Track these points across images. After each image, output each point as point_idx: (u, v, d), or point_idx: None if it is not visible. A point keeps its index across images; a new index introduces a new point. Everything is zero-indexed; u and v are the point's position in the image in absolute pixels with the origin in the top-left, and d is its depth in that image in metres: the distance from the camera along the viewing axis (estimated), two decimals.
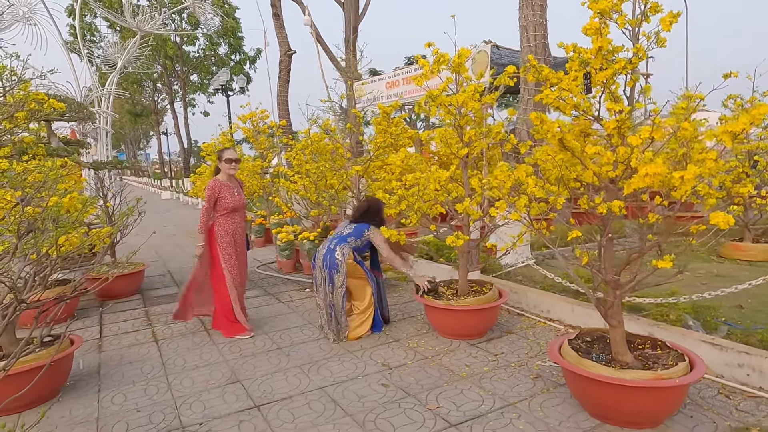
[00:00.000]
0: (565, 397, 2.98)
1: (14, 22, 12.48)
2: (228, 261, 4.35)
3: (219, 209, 4.34)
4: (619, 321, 2.76)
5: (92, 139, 11.86)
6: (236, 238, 4.44)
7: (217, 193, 4.31)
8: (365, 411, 2.93)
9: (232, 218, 4.41)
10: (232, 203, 4.35)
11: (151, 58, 27.84)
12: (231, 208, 4.36)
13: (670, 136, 2.41)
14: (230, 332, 4.35)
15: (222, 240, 4.34)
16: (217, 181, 4.37)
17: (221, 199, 4.32)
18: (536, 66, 2.73)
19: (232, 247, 4.39)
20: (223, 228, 4.36)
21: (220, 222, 4.36)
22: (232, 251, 4.38)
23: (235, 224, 4.43)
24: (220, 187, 4.35)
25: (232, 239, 4.40)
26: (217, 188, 4.33)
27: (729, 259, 5.95)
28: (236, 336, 4.31)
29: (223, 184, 4.37)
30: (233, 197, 4.38)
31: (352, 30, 13.18)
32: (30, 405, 3.11)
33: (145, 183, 42.18)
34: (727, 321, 3.65)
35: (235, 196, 4.40)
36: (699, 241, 2.60)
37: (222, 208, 4.34)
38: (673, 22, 2.39)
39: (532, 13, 6.89)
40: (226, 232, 4.37)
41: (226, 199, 4.33)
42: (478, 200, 4.01)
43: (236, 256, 4.42)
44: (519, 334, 4.11)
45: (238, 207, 4.43)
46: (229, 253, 4.36)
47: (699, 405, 2.81)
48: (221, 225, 4.36)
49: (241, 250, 4.51)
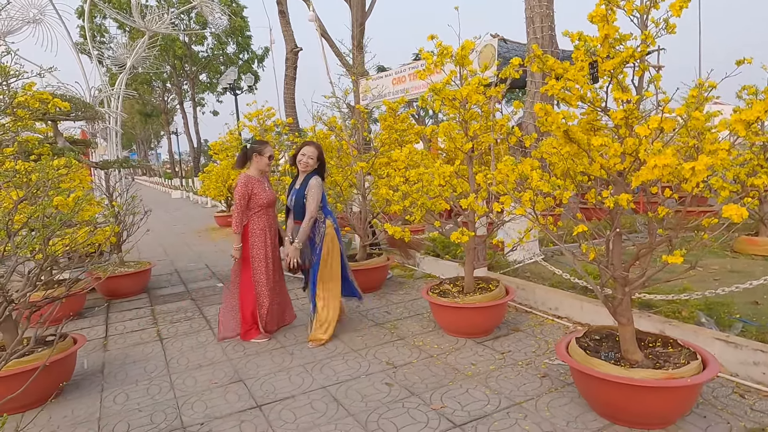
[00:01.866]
0: (572, 397, 2.90)
1: (24, 24, 12.59)
2: (260, 261, 4.11)
3: (253, 206, 4.07)
4: (629, 318, 2.67)
5: (102, 138, 11.95)
6: (270, 235, 4.18)
7: (250, 190, 4.03)
8: (368, 411, 2.88)
9: (267, 214, 4.14)
10: (265, 199, 4.09)
11: (160, 58, 28.02)
12: (265, 204, 4.10)
13: (680, 127, 2.32)
14: (247, 335, 4.16)
15: (256, 239, 4.09)
16: (248, 177, 4.08)
17: (255, 196, 4.05)
18: (540, 56, 2.64)
19: (267, 246, 4.14)
20: (258, 226, 4.09)
21: (254, 220, 4.08)
22: (266, 251, 4.14)
23: (269, 221, 4.17)
24: (252, 182, 4.07)
25: (267, 237, 4.14)
26: (250, 184, 4.05)
27: (743, 254, 5.80)
28: (251, 339, 4.14)
29: (255, 180, 4.10)
30: (266, 192, 4.12)
31: (358, 26, 13.11)
32: (32, 405, 3.10)
33: (156, 183, 42.53)
34: (742, 318, 3.54)
35: (267, 191, 4.14)
36: (712, 235, 2.50)
37: (256, 205, 4.07)
38: (684, 7, 2.29)
39: (539, 4, 6.76)
40: (261, 230, 4.10)
41: (260, 195, 4.06)
42: (484, 195, 3.93)
43: (270, 255, 4.17)
44: (526, 332, 4.03)
45: (271, 202, 4.18)
46: (263, 253, 4.11)
47: (712, 405, 2.72)
48: (256, 223, 4.09)
49: (275, 249, 4.26)
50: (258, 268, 4.12)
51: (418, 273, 6.26)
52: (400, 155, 4.28)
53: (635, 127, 2.29)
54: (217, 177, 12.86)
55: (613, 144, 2.37)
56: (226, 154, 11.28)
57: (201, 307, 5.35)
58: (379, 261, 5.57)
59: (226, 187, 11.79)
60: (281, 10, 13.88)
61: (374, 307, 4.93)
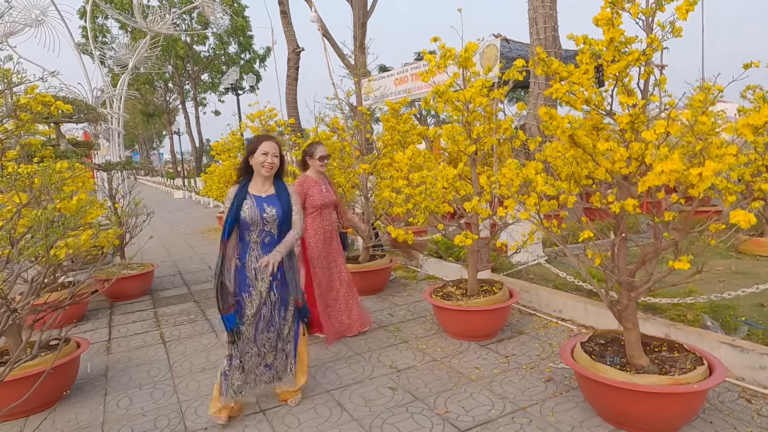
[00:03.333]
0: (578, 402, 2.88)
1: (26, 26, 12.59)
2: (317, 262, 4.09)
3: (308, 207, 4.09)
4: (634, 323, 2.66)
5: (105, 139, 11.96)
6: (328, 237, 4.17)
7: (305, 190, 4.06)
8: (372, 416, 2.87)
9: (322, 216, 4.14)
10: (320, 200, 4.09)
11: (162, 59, 28.04)
12: (320, 205, 4.10)
13: (686, 131, 2.30)
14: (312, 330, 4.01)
15: (312, 239, 4.09)
16: (305, 177, 4.14)
17: (309, 197, 4.07)
18: (545, 59, 2.63)
19: (324, 246, 4.13)
20: (313, 227, 4.10)
21: (308, 221, 4.09)
22: (322, 251, 4.12)
23: (325, 222, 4.16)
24: (309, 183, 4.11)
25: (323, 238, 4.13)
26: (306, 185, 4.09)
27: (748, 254, 5.78)
28: (315, 333, 4.10)
29: (312, 181, 4.13)
30: (322, 194, 4.12)
31: (360, 26, 13.09)
32: (35, 409, 3.10)
33: (159, 183, 42.60)
34: (748, 320, 3.52)
35: (323, 193, 4.14)
36: (719, 241, 2.48)
37: (310, 206, 4.08)
38: (690, 11, 2.27)
39: (542, 4, 6.73)
40: (317, 231, 4.11)
41: (315, 196, 4.08)
42: (488, 198, 3.91)
43: (327, 257, 4.15)
44: (530, 335, 4.02)
45: (327, 204, 4.16)
46: (319, 254, 4.10)
47: (719, 410, 2.70)
48: (311, 224, 4.10)
49: (334, 251, 4.23)
50: (316, 269, 4.10)
51: (420, 274, 6.25)
52: (403, 158, 4.26)
53: (641, 132, 2.27)
54: (219, 177, 12.86)
55: (619, 148, 2.35)
56: (229, 155, 11.27)
57: (204, 309, 5.34)
58: (382, 263, 5.56)
59: (228, 187, 11.81)
60: (283, 10, 13.87)
61: (377, 310, 4.92)
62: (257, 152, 2.83)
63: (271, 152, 2.84)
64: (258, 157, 2.83)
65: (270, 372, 3.00)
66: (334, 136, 6.50)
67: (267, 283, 2.85)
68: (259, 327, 2.88)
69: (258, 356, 2.92)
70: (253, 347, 2.89)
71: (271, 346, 2.95)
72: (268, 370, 2.98)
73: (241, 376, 2.86)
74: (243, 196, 2.83)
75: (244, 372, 2.88)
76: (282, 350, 3.00)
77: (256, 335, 2.88)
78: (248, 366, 2.89)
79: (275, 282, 2.88)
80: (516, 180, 2.85)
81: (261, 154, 2.83)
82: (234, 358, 2.84)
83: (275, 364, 2.99)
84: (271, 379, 3.01)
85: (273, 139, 2.91)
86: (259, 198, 2.85)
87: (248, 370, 2.90)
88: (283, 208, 2.87)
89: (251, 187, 2.88)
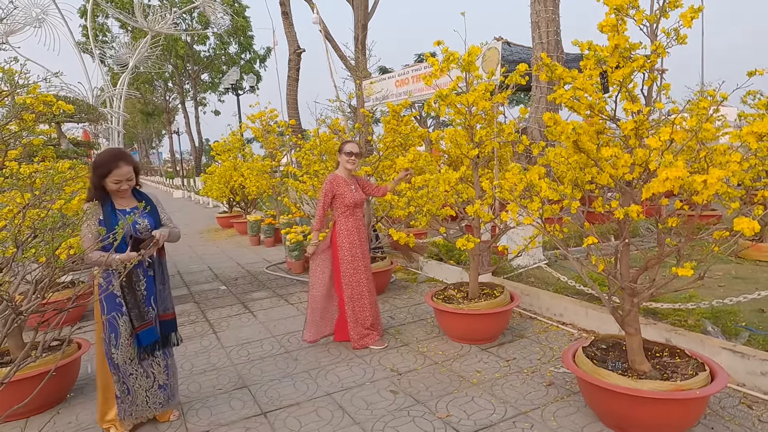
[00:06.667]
0: (579, 406, 2.89)
1: (26, 25, 12.57)
2: (348, 263, 3.99)
3: (338, 207, 4.01)
4: (636, 329, 2.66)
5: (104, 139, 11.93)
6: (359, 236, 4.07)
7: (334, 189, 3.98)
8: (373, 419, 2.87)
9: (354, 215, 4.05)
10: (351, 199, 3.99)
11: (163, 58, 28.03)
12: (351, 205, 4.01)
13: (690, 138, 2.31)
14: (362, 341, 4.02)
15: (344, 240, 3.99)
16: (335, 176, 4.04)
17: (339, 196, 3.97)
18: (549, 65, 2.63)
19: (356, 247, 4.02)
20: (345, 227, 4.00)
21: (341, 220, 4.01)
22: (354, 251, 4.01)
23: (357, 222, 4.07)
24: (338, 182, 4.00)
25: (355, 239, 4.03)
26: (335, 183, 3.99)
27: (748, 259, 5.79)
28: (370, 346, 4.01)
29: (341, 180, 4.02)
30: (352, 193, 4.02)
31: (361, 28, 13.10)
32: (36, 410, 3.10)
33: (158, 182, 42.55)
34: (748, 326, 3.53)
35: (353, 192, 4.03)
36: (719, 244, 2.49)
37: (342, 205, 3.99)
38: (694, 18, 2.28)
39: (544, 8, 6.76)
40: (349, 231, 4.01)
41: (346, 195, 3.98)
42: (489, 202, 3.92)
43: (360, 258, 4.04)
44: (531, 339, 4.02)
45: (358, 203, 4.07)
46: (352, 254, 4.00)
47: (720, 416, 2.70)
48: (342, 224, 4.00)
49: (363, 250, 4.12)
50: (346, 271, 4.01)
51: (421, 277, 6.25)
52: (403, 162, 4.26)
53: (645, 139, 2.28)
54: (219, 178, 12.84)
55: (623, 155, 2.35)
56: (229, 155, 11.27)
57: (204, 310, 5.34)
58: (383, 265, 5.56)
59: (228, 188, 11.79)
60: (284, 11, 13.88)
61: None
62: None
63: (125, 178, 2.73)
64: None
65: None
66: (335, 137, 6.51)
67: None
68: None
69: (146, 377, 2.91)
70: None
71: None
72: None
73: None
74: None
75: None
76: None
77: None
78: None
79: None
80: (519, 184, 2.86)
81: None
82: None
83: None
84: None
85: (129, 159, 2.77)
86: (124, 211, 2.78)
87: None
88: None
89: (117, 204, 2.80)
